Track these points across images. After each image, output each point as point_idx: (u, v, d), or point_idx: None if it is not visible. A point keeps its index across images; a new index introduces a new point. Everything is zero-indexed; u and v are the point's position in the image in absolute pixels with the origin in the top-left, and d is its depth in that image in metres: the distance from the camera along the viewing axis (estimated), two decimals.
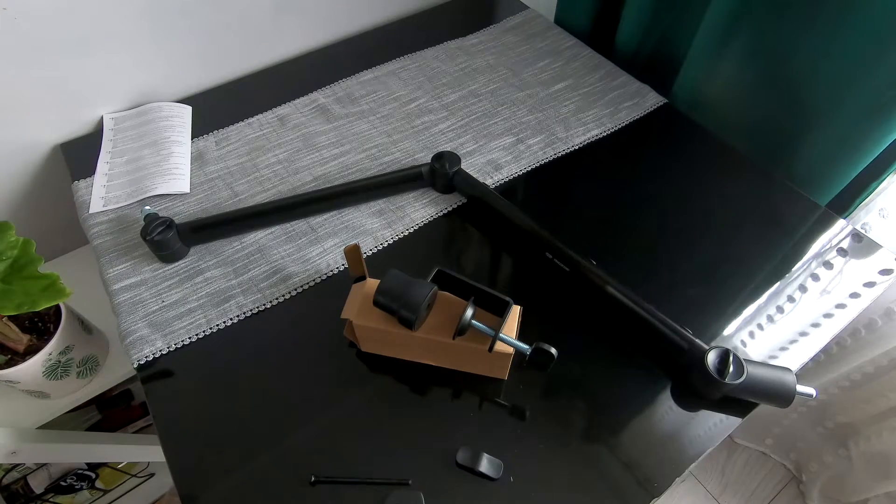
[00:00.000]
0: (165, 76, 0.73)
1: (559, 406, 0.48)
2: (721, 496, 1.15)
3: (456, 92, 0.76)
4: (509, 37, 0.85)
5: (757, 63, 0.68)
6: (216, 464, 0.45)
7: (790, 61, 0.64)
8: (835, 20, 0.58)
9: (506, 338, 0.44)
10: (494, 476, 0.44)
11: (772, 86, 0.67)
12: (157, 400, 0.48)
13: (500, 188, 0.65)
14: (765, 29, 0.64)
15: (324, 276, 0.56)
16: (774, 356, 0.52)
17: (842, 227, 0.62)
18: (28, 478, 0.94)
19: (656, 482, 0.44)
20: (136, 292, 0.55)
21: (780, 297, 0.56)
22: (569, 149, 0.69)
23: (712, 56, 0.71)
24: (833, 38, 0.59)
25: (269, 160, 0.67)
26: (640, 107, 0.74)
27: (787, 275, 0.58)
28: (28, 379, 0.60)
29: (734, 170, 0.67)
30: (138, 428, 1.01)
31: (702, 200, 0.64)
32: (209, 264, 0.57)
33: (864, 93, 0.58)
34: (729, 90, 0.73)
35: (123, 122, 0.71)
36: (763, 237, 0.61)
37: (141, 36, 0.68)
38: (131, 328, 0.52)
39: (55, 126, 0.69)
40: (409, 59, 0.80)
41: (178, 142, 0.68)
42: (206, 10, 0.70)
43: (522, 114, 0.73)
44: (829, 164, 0.66)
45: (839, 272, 0.58)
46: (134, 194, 0.63)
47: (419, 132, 0.71)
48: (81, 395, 0.68)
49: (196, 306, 0.54)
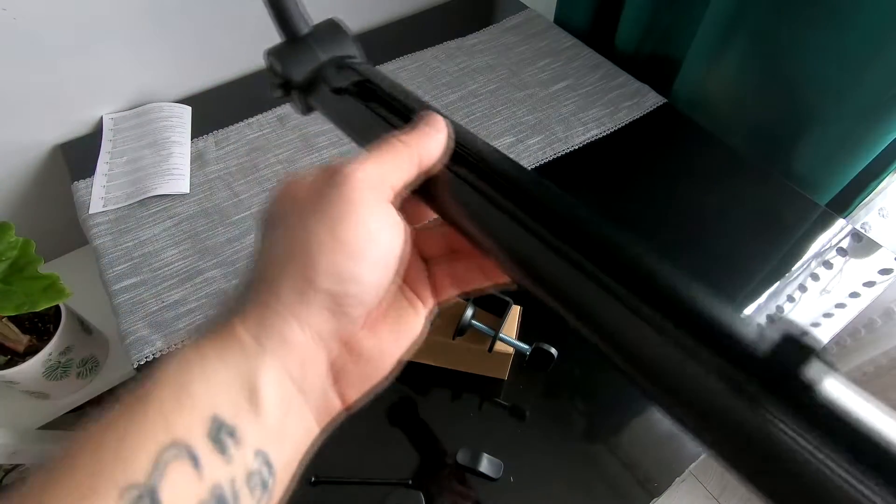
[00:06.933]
0: (165, 76, 0.73)
1: (559, 406, 0.48)
2: (721, 496, 1.15)
3: (455, 92, 0.76)
4: (509, 37, 0.84)
5: (757, 63, 0.68)
6: None
7: (790, 61, 0.64)
8: (835, 20, 0.58)
9: (506, 338, 0.44)
10: (494, 476, 0.44)
11: (772, 86, 0.67)
12: None
13: None
14: (765, 29, 0.64)
15: None
16: None
17: (842, 227, 0.62)
18: None
19: (656, 482, 0.44)
20: (136, 292, 0.55)
21: (780, 296, 0.56)
22: (568, 149, 0.69)
23: (712, 56, 0.71)
24: (833, 38, 0.59)
25: (269, 160, 0.67)
26: (640, 107, 0.74)
27: (786, 274, 0.58)
28: (28, 379, 0.60)
29: (734, 170, 0.67)
30: None
31: (701, 200, 0.64)
32: (209, 264, 0.57)
33: (864, 93, 0.58)
34: (729, 90, 0.73)
35: (123, 122, 0.71)
36: (763, 237, 0.61)
37: (141, 36, 0.68)
38: (131, 328, 0.52)
39: (55, 126, 0.69)
40: (408, 59, 0.80)
41: (178, 142, 0.68)
42: (207, 10, 0.70)
43: (522, 114, 0.73)
44: (828, 164, 0.66)
45: (839, 272, 0.58)
46: (134, 194, 0.63)
47: None
48: (81, 396, 0.68)
49: (196, 306, 0.54)
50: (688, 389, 0.15)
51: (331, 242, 0.18)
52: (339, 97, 0.27)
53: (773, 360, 0.14)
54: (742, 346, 0.14)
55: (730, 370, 0.14)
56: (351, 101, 0.26)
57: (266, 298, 0.18)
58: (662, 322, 0.16)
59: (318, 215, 0.19)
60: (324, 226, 0.18)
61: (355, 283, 0.19)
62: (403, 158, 0.21)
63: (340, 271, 0.18)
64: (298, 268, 0.18)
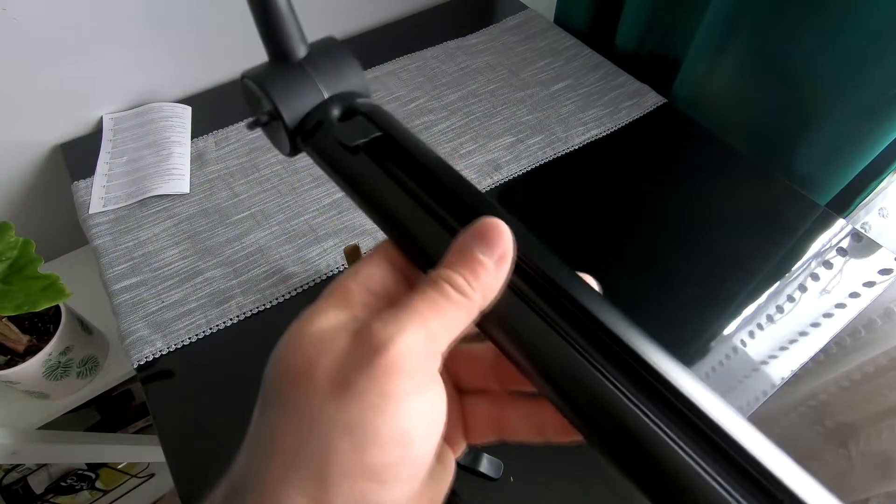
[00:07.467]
0: (165, 76, 0.73)
1: None
2: None
3: (455, 92, 0.76)
4: (509, 37, 0.84)
5: (757, 63, 0.68)
6: (217, 464, 0.44)
7: (790, 61, 0.64)
8: (835, 20, 0.58)
9: None
10: (494, 476, 0.44)
11: (772, 86, 0.67)
12: (157, 400, 0.48)
13: (500, 188, 0.65)
14: (765, 29, 0.64)
15: (324, 276, 0.56)
16: (774, 356, 0.52)
17: (841, 227, 0.62)
18: (28, 478, 0.94)
19: None
20: (135, 293, 0.55)
21: (780, 296, 0.56)
22: (568, 149, 0.69)
23: (712, 56, 0.71)
24: (833, 38, 0.59)
25: (269, 160, 0.67)
26: (640, 107, 0.74)
27: (786, 274, 0.58)
28: (28, 379, 0.60)
29: (734, 169, 0.67)
30: (138, 428, 1.01)
31: (701, 200, 0.64)
32: (209, 264, 0.57)
33: (864, 92, 0.58)
34: (729, 90, 0.73)
35: (123, 122, 0.71)
36: (763, 237, 0.61)
37: (141, 36, 0.68)
38: (131, 329, 0.52)
39: (55, 126, 0.69)
40: (408, 59, 0.80)
41: (178, 142, 0.68)
42: (207, 10, 0.70)
43: (522, 114, 0.73)
44: (828, 164, 0.66)
45: (839, 272, 0.58)
46: (134, 194, 0.63)
47: (419, 132, 0.71)
48: (81, 396, 0.68)
49: (196, 307, 0.54)
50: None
51: (354, 451, 0.14)
52: (350, 155, 0.21)
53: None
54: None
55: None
56: (368, 166, 0.20)
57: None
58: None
59: (342, 412, 0.14)
60: (346, 428, 0.14)
61: (384, 489, 0.15)
62: (460, 315, 0.16)
63: (363, 490, 0.14)
64: (308, 476, 0.14)
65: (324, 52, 0.23)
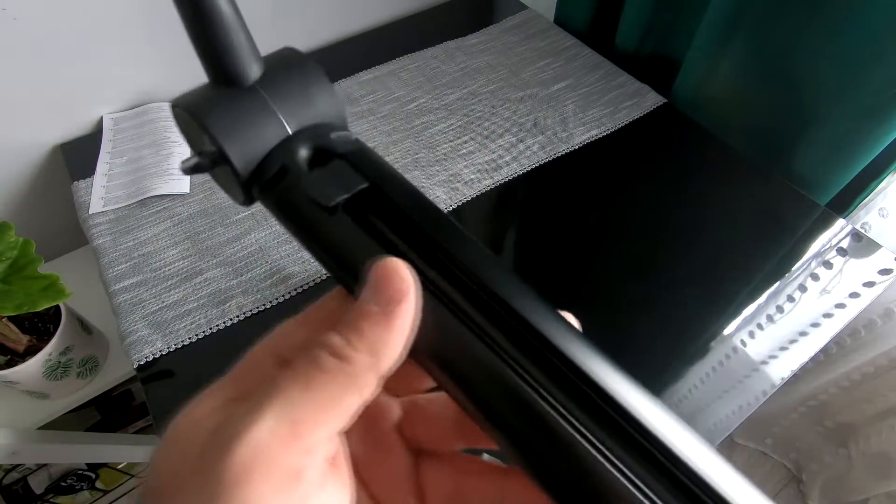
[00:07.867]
0: (165, 76, 0.73)
1: None
2: None
3: (455, 92, 0.76)
4: (509, 37, 0.84)
5: (757, 63, 0.68)
6: None
7: (790, 61, 0.64)
8: (835, 20, 0.58)
9: None
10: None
11: (772, 86, 0.67)
12: (156, 400, 0.48)
13: (500, 188, 0.65)
14: (765, 29, 0.64)
15: (324, 276, 0.56)
16: (774, 356, 0.52)
17: (841, 227, 0.62)
18: (28, 478, 0.94)
19: None
20: (135, 293, 0.55)
21: (780, 296, 0.56)
22: (568, 149, 0.69)
23: (712, 56, 0.71)
24: (833, 39, 0.59)
25: None
26: (640, 107, 0.74)
27: (786, 274, 0.58)
28: (28, 379, 0.60)
29: (734, 169, 0.67)
30: (138, 428, 1.01)
31: (701, 200, 0.64)
32: (209, 264, 0.57)
33: (864, 92, 0.58)
34: (729, 90, 0.73)
35: (123, 122, 0.71)
36: (763, 237, 0.61)
37: (141, 36, 0.68)
38: (131, 329, 0.52)
39: (55, 126, 0.69)
40: (408, 59, 0.80)
41: (178, 142, 0.68)
42: None
43: (522, 114, 0.73)
44: (829, 164, 0.66)
45: (839, 272, 0.58)
46: (134, 194, 0.63)
47: (419, 132, 0.71)
48: (81, 396, 0.68)
49: (196, 307, 0.54)
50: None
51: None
52: (326, 216, 0.16)
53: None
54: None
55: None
56: (352, 232, 0.15)
57: None
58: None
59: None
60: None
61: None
62: (339, 386, 0.13)
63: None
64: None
65: (284, 69, 0.17)
